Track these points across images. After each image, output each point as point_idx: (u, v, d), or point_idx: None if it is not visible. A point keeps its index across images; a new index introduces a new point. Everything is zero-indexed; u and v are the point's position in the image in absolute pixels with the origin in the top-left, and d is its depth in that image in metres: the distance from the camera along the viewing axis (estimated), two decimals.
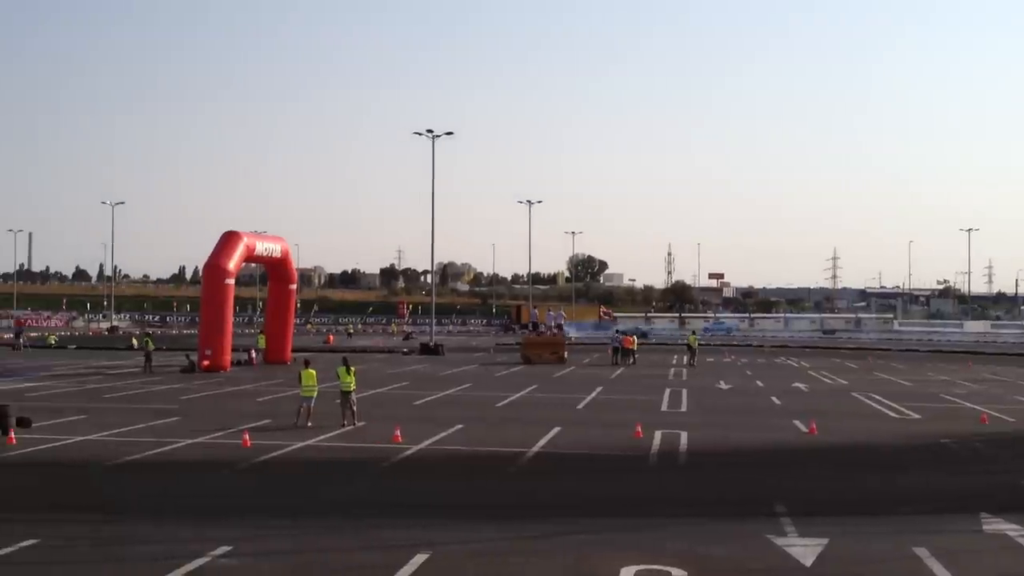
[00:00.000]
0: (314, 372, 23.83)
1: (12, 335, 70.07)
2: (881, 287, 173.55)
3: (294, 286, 52.09)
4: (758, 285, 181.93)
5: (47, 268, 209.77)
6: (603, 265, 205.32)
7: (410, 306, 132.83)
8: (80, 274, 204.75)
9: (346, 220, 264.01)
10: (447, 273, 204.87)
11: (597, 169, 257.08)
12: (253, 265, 68.20)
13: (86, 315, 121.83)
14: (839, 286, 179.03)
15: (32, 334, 74.40)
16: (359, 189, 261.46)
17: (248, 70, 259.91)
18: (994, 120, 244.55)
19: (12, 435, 20.56)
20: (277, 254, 48.71)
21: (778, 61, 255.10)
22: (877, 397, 32.46)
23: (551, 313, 57.98)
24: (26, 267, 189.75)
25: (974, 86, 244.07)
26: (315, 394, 23.45)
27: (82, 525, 12.88)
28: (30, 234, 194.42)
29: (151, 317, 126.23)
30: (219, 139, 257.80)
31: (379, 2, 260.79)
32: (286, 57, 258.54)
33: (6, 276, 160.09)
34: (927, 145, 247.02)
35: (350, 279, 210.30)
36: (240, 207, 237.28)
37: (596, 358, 55.38)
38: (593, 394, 32.94)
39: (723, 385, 37.67)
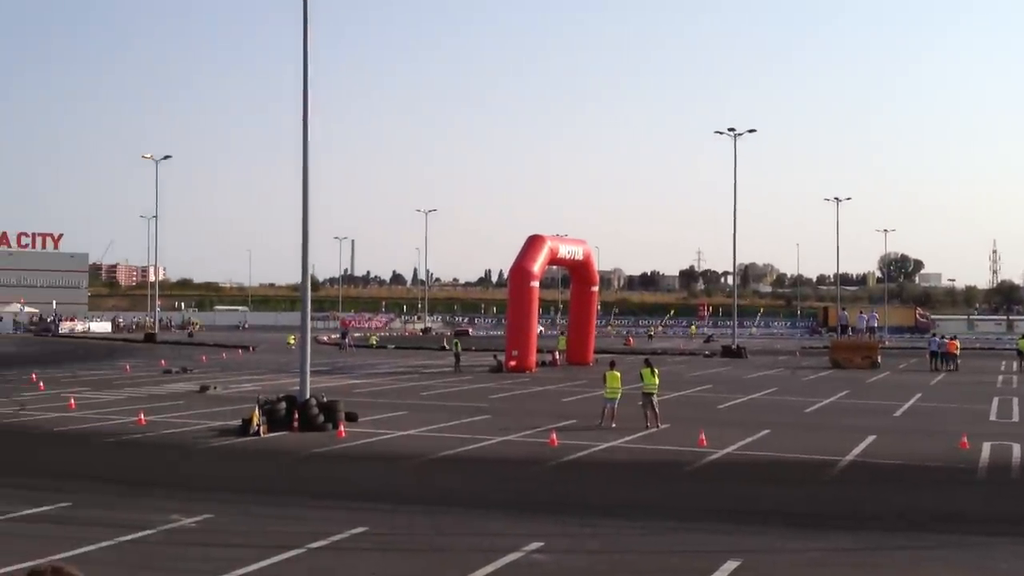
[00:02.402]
0: (618, 374, 23.98)
1: (339, 336, 75.35)
2: None
3: (595, 288, 52.66)
4: None
5: (368, 272, 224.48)
6: (918, 264, 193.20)
7: (710, 308, 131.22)
8: (396, 278, 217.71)
9: (645, 222, 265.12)
10: (748, 274, 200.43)
11: (911, 163, 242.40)
12: (555, 268, 69.68)
13: (402, 316, 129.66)
14: None
15: (356, 335, 79.96)
16: (658, 190, 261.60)
17: (546, 75, 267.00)
18: None
19: (341, 429, 22.21)
20: (579, 256, 49.49)
21: None
22: None
23: (863, 315, 55.20)
24: (349, 272, 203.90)
25: None
26: (619, 395, 23.58)
27: (404, 515, 13.65)
28: (353, 241, 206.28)
29: (460, 319, 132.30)
30: (520, 145, 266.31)
31: (677, 2, 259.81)
32: (583, 60, 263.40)
33: (332, 280, 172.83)
34: None
35: (649, 281, 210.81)
36: (542, 211, 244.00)
37: (913, 363, 52.11)
38: (911, 401, 30.99)
39: None
